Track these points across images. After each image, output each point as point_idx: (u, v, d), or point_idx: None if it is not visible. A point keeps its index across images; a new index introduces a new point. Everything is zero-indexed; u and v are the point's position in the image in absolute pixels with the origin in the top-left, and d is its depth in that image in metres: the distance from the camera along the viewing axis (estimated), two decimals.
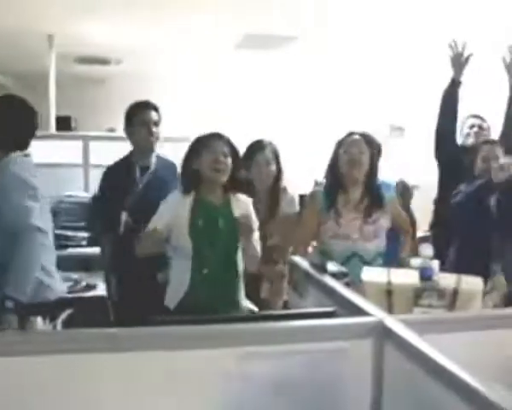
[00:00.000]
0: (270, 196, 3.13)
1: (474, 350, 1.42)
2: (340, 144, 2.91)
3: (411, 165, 6.17)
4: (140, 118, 3.24)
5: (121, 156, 3.35)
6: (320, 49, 6.40)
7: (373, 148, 2.92)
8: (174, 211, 2.65)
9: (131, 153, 3.31)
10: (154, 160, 3.29)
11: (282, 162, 3.21)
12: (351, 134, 2.93)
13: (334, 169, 2.90)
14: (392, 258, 2.94)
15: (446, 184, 3.68)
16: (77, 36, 5.88)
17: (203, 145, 2.67)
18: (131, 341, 1.26)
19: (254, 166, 3.10)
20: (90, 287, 3.89)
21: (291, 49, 6.44)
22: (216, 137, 2.70)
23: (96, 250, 3.76)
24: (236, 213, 2.66)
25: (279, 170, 3.19)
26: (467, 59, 3.56)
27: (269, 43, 6.21)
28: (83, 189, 4.77)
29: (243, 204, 2.71)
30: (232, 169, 2.68)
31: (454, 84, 3.60)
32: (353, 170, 2.83)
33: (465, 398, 1.09)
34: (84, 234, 4.39)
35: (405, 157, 6.50)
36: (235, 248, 2.67)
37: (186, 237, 2.59)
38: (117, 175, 3.25)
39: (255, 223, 2.71)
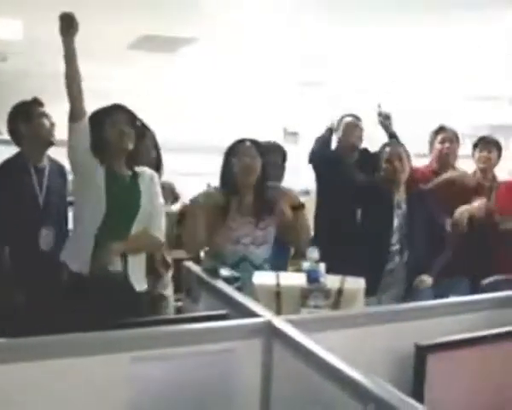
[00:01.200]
0: None
1: (357, 345, 1.52)
2: (232, 151, 2.97)
3: (304, 170, 6.40)
4: (39, 111, 3.12)
5: (6, 157, 3.15)
6: (219, 51, 6.47)
7: (262, 154, 3.00)
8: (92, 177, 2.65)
9: (22, 153, 3.14)
10: (46, 161, 3.19)
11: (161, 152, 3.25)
12: (242, 141, 3.00)
13: (226, 175, 2.95)
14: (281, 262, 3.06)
15: (323, 192, 3.91)
16: None
17: (106, 121, 2.68)
18: (20, 351, 1.25)
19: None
20: None
21: (189, 51, 6.45)
22: (118, 110, 2.73)
23: None
24: (142, 187, 2.72)
25: (158, 156, 3.23)
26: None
27: (165, 45, 6.19)
28: None
29: (147, 177, 2.76)
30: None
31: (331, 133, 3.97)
32: (248, 177, 2.90)
33: (350, 392, 1.17)
34: None
35: (299, 162, 6.71)
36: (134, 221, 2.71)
37: (101, 205, 2.60)
38: (8, 178, 3.07)
39: (159, 196, 2.76)
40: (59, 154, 3.38)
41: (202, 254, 3.10)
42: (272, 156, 3.39)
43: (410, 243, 3.25)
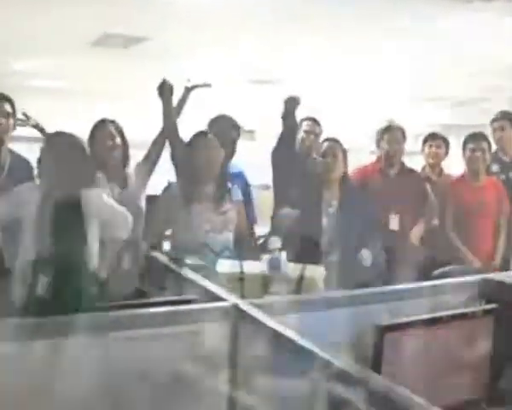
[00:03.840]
0: (116, 174, 3.08)
1: (318, 327, 1.61)
2: (195, 144, 3.01)
3: (262, 166, 6.48)
4: None
5: None
6: (172, 51, 6.49)
7: (223, 145, 3.07)
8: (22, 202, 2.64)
9: None
10: (7, 157, 3.14)
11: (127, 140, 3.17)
12: (204, 133, 3.06)
13: (190, 167, 3.00)
14: None
15: (279, 186, 3.94)
16: None
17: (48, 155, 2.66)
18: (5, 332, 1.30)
19: (96, 144, 2.92)
20: None
21: (142, 49, 6.45)
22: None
23: None
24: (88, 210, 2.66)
25: (125, 144, 3.13)
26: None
27: (129, 42, 6.20)
28: None
29: (96, 199, 2.73)
30: None
31: None
32: (212, 169, 2.97)
33: (311, 365, 1.27)
34: None
35: (256, 159, 6.78)
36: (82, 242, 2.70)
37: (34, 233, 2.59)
38: None
39: (115, 209, 2.78)
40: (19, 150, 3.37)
41: (167, 244, 3.14)
42: (228, 133, 3.46)
43: (343, 241, 3.14)
